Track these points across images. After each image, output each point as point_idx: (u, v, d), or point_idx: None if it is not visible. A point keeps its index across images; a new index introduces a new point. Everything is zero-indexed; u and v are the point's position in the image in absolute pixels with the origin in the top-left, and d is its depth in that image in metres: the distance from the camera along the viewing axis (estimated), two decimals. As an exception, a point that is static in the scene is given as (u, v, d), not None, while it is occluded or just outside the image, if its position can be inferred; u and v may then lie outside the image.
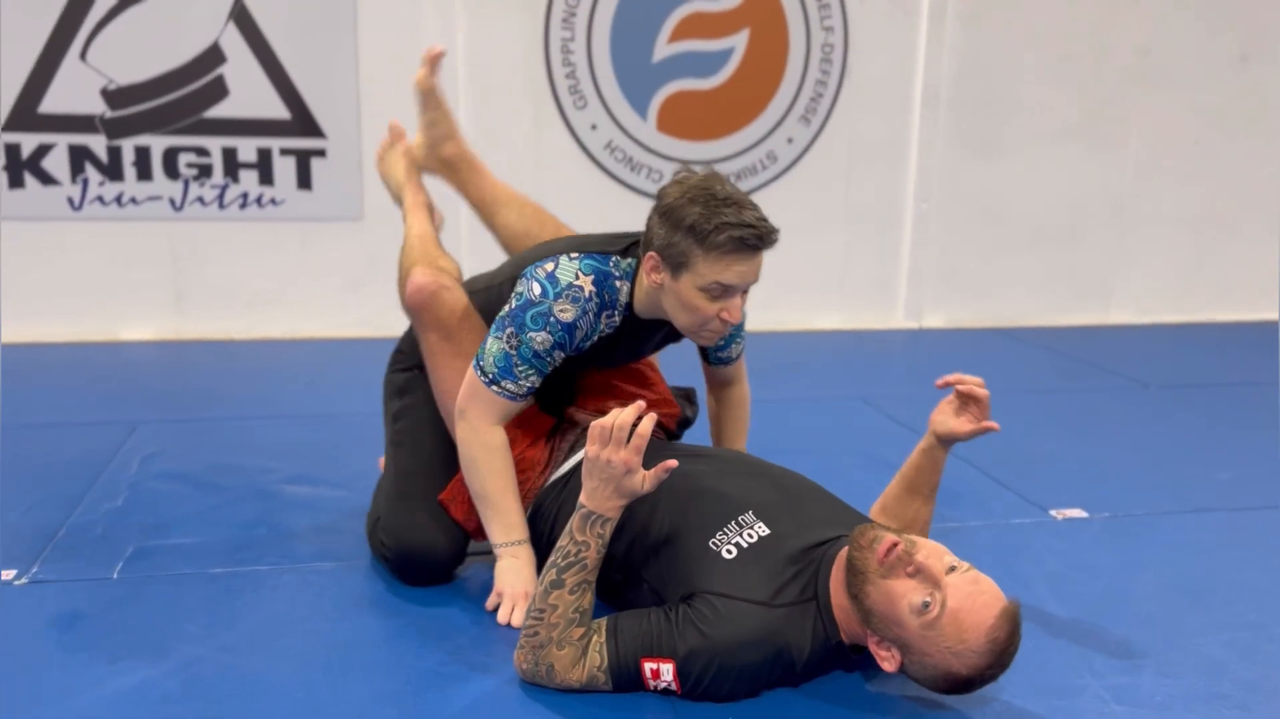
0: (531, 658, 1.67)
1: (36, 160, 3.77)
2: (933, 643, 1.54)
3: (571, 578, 1.66)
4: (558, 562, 1.67)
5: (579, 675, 1.66)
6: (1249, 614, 2.04)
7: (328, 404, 3.26)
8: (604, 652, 1.66)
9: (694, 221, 1.76)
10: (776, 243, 1.81)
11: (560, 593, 1.66)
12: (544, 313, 1.89)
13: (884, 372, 4.02)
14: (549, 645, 1.66)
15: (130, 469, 2.63)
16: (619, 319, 1.96)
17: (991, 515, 2.51)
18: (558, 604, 1.65)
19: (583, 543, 1.66)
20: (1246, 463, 2.94)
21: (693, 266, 1.79)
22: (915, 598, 1.54)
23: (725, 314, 1.84)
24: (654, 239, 1.84)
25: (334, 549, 2.21)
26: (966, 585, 1.55)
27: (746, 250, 1.78)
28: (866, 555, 1.59)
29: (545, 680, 1.68)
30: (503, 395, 1.94)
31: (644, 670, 1.64)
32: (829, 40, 4.35)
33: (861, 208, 4.54)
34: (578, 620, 1.66)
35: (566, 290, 1.90)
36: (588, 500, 1.66)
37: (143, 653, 1.77)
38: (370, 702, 1.65)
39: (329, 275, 4.08)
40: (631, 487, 1.64)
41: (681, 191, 1.80)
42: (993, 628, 1.52)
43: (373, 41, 3.95)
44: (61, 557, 2.13)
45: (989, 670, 1.55)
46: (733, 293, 1.83)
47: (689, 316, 1.85)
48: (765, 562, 1.71)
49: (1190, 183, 4.85)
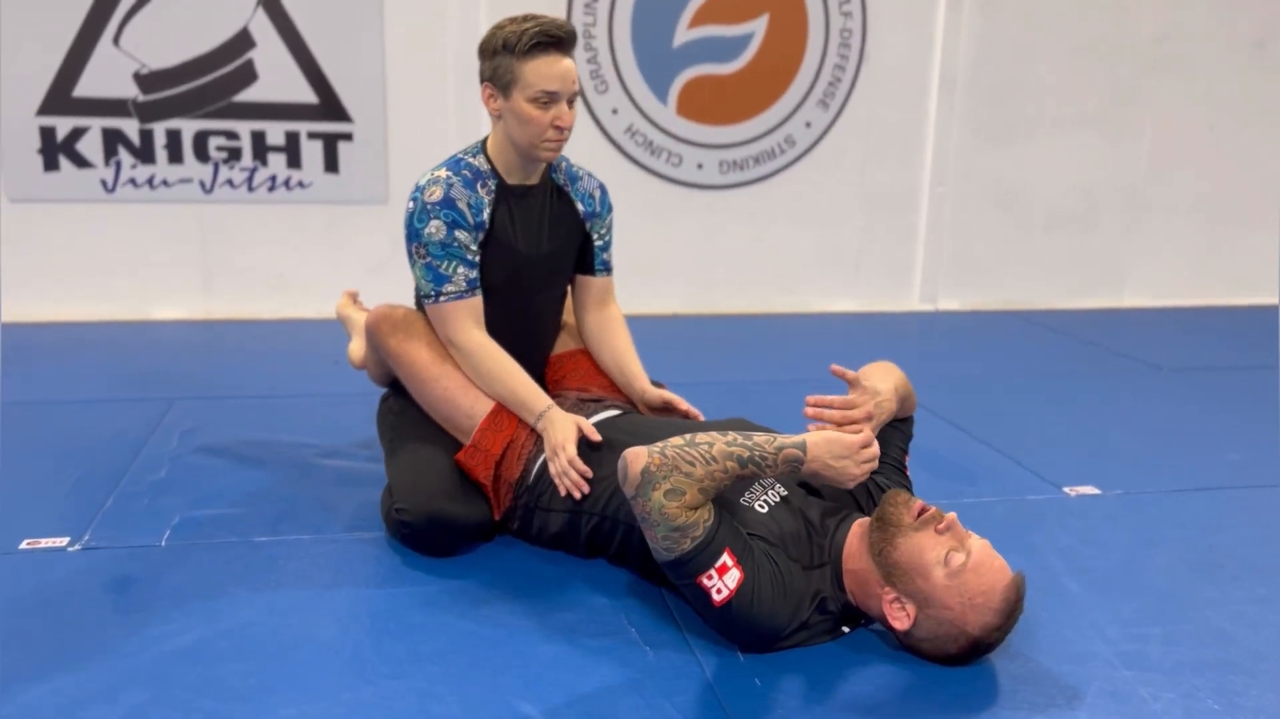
0: (661, 474, 1.69)
1: (71, 143, 3.85)
2: (954, 594, 1.65)
3: (745, 469, 1.74)
4: (743, 443, 1.75)
5: (687, 515, 1.69)
6: (1257, 589, 2.11)
7: (356, 383, 3.33)
8: (711, 521, 1.71)
9: (505, 38, 2.06)
10: (576, 42, 2.11)
11: (731, 461, 1.72)
12: (420, 209, 2.15)
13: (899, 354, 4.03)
14: (691, 475, 1.69)
15: (170, 444, 2.72)
16: (494, 185, 2.21)
17: (1006, 492, 2.58)
18: (719, 458, 1.72)
19: (770, 464, 1.76)
20: (1257, 444, 2.99)
21: (518, 78, 2.07)
22: (943, 550, 1.67)
23: (558, 121, 2.10)
24: (482, 73, 2.13)
25: (370, 520, 2.29)
26: (986, 548, 1.70)
27: (554, 49, 2.06)
28: (901, 511, 1.72)
29: (655, 497, 1.68)
30: (452, 298, 2.16)
31: (719, 561, 1.69)
32: (847, 26, 4.39)
33: (878, 192, 4.59)
34: (722, 479, 1.72)
35: (427, 184, 2.17)
36: (813, 463, 1.76)
37: (196, 615, 1.86)
38: (411, 660, 1.74)
39: (355, 257, 4.16)
40: (852, 476, 1.79)
41: (493, 28, 2.10)
42: (1008, 587, 1.66)
43: (399, 27, 4.01)
44: (111, 525, 2.22)
45: (996, 632, 1.67)
46: (558, 99, 2.08)
47: (527, 130, 2.11)
48: (789, 522, 1.83)
49: (1205, 169, 4.88)
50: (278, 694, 1.63)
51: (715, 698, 1.66)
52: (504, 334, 2.24)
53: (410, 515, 2.09)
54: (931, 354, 4.06)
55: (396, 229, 4.08)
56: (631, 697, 1.66)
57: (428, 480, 2.12)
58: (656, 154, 4.36)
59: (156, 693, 1.62)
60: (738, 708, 1.63)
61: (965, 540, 1.69)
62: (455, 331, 2.18)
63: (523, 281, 2.29)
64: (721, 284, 4.55)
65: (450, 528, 2.10)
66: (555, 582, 2.05)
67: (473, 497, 2.14)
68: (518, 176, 2.24)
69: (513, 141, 2.17)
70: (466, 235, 2.17)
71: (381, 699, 1.63)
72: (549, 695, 1.65)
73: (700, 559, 1.71)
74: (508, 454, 2.14)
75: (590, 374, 2.42)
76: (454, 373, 2.20)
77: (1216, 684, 1.75)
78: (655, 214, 4.37)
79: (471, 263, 2.18)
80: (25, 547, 2.11)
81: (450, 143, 3.88)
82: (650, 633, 1.86)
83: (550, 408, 2.15)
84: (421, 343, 2.22)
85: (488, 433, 2.14)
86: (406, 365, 2.22)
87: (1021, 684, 1.72)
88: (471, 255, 2.18)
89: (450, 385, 2.19)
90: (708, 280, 4.53)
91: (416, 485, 2.11)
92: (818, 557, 1.81)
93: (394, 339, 2.23)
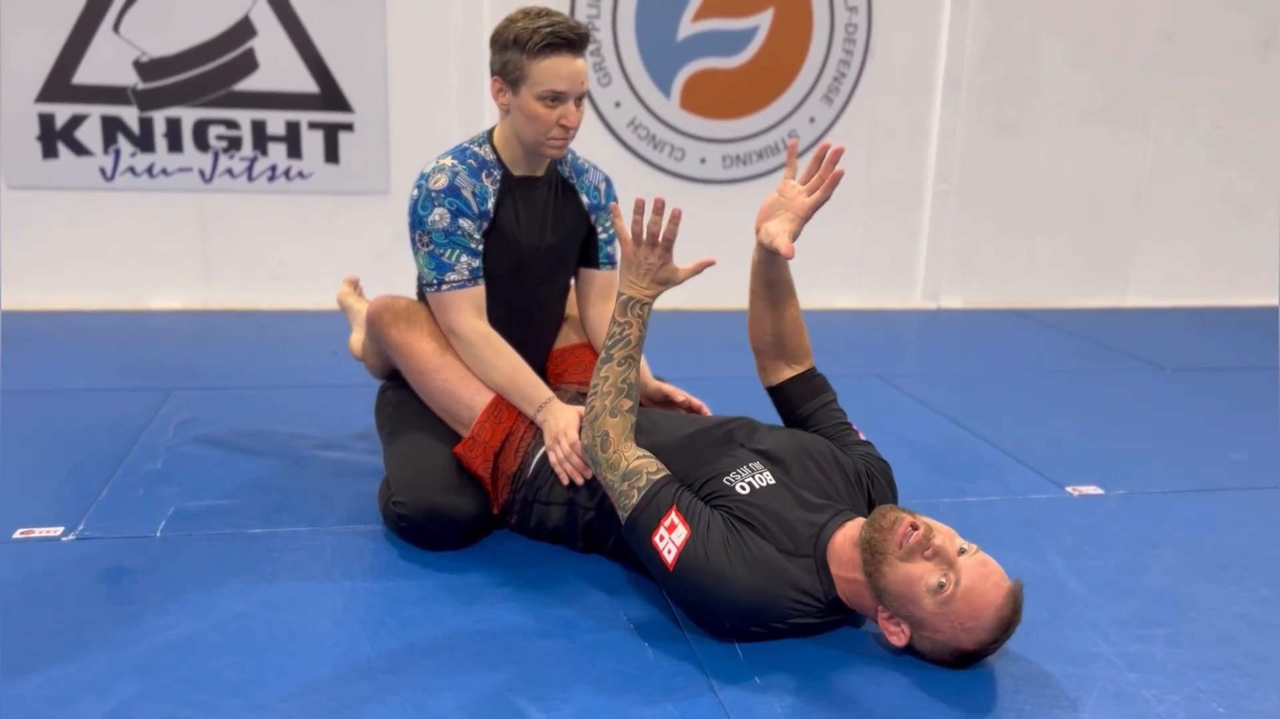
0: (589, 431, 1.88)
1: (70, 131, 3.83)
2: (945, 620, 1.64)
3: (619, 352, 1.89)
4: (604, 343, 1.91)
5: (630, 456, 1.83)
6: (1260, 590, 2.09)
7: (355, 374, 3.32)
8: (658, 475, 1.80)
9: (516, 34, 2.05)
10: (588, 43, 2.09)
11: (610, 365, 1.89)
12: (425, 197, 2.14)
13: (901, 350, 4.07)
14: (603, 414, 1.85)
15: (167, 434, 2.70)
16: (499, 175, 2.20)
17: (1009, 491, 2.57)
18: (608, 375, 1.89)
19: (625, 323, 1.90)
20: (1261, 444, 2.98)
21: (527, 76, 2.06)
22: (932, 579, 1.63)
23: (564, 120, 2.09)
24: (492, 65, 2.12)
25: (367, 513, 2.27)
26: (977, 567, 1.64)
27: (565, 50, 2.04)
28: (886, 538, 1.67)
29: (599, 456, 1.85)
30: (455, 288, 2.15)
31: (666, 518, 1.75)
32: (852, 20, 4.37)
33: (882, 188, 4.57)
34: (626, 391, 1.89)
35: (432, 172, 2.16)
36: (628, 289, 1.90)
37: (189, 607, 1.84)
38: (407, 655, 1.72)
39: (355, 248, 4.14)
40: (667, 275, 1.90)
41: (506, 20, 2.09)
42: (1001, 606, 1.63)
43: (401, 17, 3.99)
44: (106, 515, 2.21)
45: (992, 645, 1.67)
46: (565, 99, 2.08)
47: (534, 127, 2.11)
48: (772, 506, 1.81)
49: (1210, 167, 4.86)
50: (271, 687, 1.61)
51: (713, 694, 1.64)
52: (506, 326, 2.22)
53: (408, 509, 2.07)
54: (934, 352, 4.04)
55: (397, 220, 4.07)
56: (629, 693, 1.64)
57: (426, 473, 2.11)
58: (659, 148, 4.33)
59: (149, 685, 1.60)
60: (736, 704, 1.62)
61: (955, 564, 1.64)
62: (457, 320, 2.17)
63: (525, 273, 2.27)
64: (724, 279, 4.52)
65: (448, 521, 2.08)
66: (553, 576, 2.03)
67: (471, 490, 2.13)
68: (523, 168, 2.23)
69: (519, 136, 2.16)
70: (470, 224, 2.15)
71: (377, 693, 1.61)
72: (546, 691, 1.64)
73: (649, 512, 1.77)
74: (506, 446, 2.12)
75: (592, 368, 2.40)
76: (455, 364, 2.18)
77: (1220, 686, 1.73)
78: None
79: (475, 252, 2.17)
80: (19, 536, 2.09)
81: (452, 134, 3.85)
82: (648, 628, 1.84)
83: (550, 399, 2.14)
84: (423, 334, 2.20)
85: (486, 424, 2.12)
86: (407, 356, 2.21)
87: (1024, 685, 1.71)
88: (475, 244, 2.17)
89: (451, 376, 2.17)
90: (710, 275, 4.46)
91: (415, 478, 2.10)
92: (802, 547, 1.78)
93: (395, 329, 2.21)
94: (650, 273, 1.89)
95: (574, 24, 2.06)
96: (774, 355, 2.13)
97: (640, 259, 1.88)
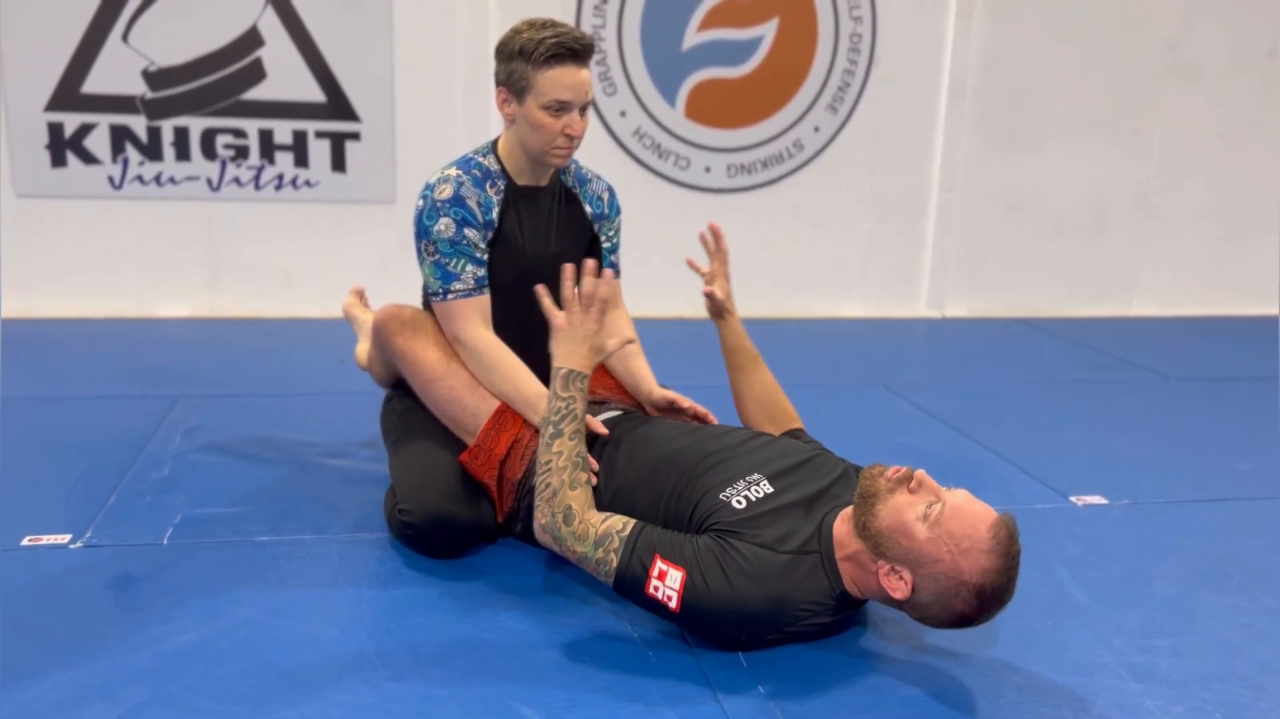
0: (548, 509, 1.83)
1: (79, 139, 3.85)
2: (940, 545, 1.62)
3: (568, 427, 1.87)
4: (550, 418, 1.89)
5: (595, 522, 1.79)
6: (1265, 600, 2.09)
7: (360, 382, 3.32)
8: (628, 530, 1.78)
9: (521, 45, 2.06)
10: (593, 53, 2.11)
11: (561, 440, 1.86)
12: (430, 207, 2.16)
13: (906, 359, 4.07)
14: (562, 489, 1.82)
15: (174, 442, 2.71)
16: (503, 186, 2.22)
17: (1013, 500, 2.56)
18: (562, 450, 1.85)
19: (569, 398, 1.89)
20: (1266, 454, 2.97)
21: (532, 86, 2.08)
22: (920, 506, 1.67)
23: (569, 129, 2.11)
24: (498, 76, 2.14)
25: (373, 521, 2.28)
26: (962, 494, 1.69)
27: (570, 60, 2.06)
28: (877, 481, 1.73)
29: (564, 531, 1.80)
30: (460, 296, 2.17)
31: (653, 568, 1.73)
32: (857, 30, 4.38)
33: (886, 197, 4.58)
34: (581, 464, 1.86)
35: (438, 183, 2.18)
36: (565, 361, 1.90)
37: (196, 614, 1.85)
38: (412, 663, 1.72)
39: (361, 256, 4.16)
40: (600, 344, 1.92)
41: (511, 31, 2.11)
42: (994, 524, 1.63)
43: (408, 26, 4.01)
44: (113, 523, 2.22)
45: (995, 574, 1.60)
46: (570, 108, 2.09)
47: (539, 136, 2.12)
48: (771, 514, 1.81)
49: (1216, 177, 4.86)
50: (277, 695, 1.62)
51: (717, 703, 1.65)
52: (510, 334, 2.23)
53: (413, 517, 2.08)
54: (938, 361, 4.05)
55: (403, 229, 4.09)
56: (633, 702, 1.65)
57: (431, 481, 2.11)
58: (664, 157, 4.35)
59: (155, 692, 1.61)
60: (739, 713, 1.62)
61: (941, 493, 1.69)
62: (462, 329, 2.18)
63: (529, 282, 2.28)
64: (728, 288, 4.53)
65: (453, 529, 2.09)
66: (557, 585, 2.04)
67: (476, 498, 2.14)
68: (527, 178, 2.25)
69: (524, 146, 2.18)
70: (476, 233, 2.17)
71: (381, 702, 1.61)
72: (550, 699, 1.64)
73: (633, 568, 1.74)
74: (511, 454, 2.13)
75: (597, 376, 2.41)
76: (461, 373, 2.19)
77: (1224, 697, 1.73)
78: (662, 217, 4.36)
79: (480, 261, 2.19)
80: (27, 543, 2.10)
81: (458, 143, 3.87)
82: (652, 637, 1.84)
83: None
84: (429, 343, 2.21)
85: (491, 432, 2.13)
86: (413, 365, 2.22)
87: (1027, 696, 1.71)
88: (480, 254, 2.19)
89: (456, 385, 2.18)
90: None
91: (420, 486, 2.11)
92: (806, 544, 1.78)
93: (402, 338, 2.22)
94: (588, 339, 1.91)
95: (579, 34, 2.08)
96: (762, 423, 2.30)
97: (576, 326, 1.90)
